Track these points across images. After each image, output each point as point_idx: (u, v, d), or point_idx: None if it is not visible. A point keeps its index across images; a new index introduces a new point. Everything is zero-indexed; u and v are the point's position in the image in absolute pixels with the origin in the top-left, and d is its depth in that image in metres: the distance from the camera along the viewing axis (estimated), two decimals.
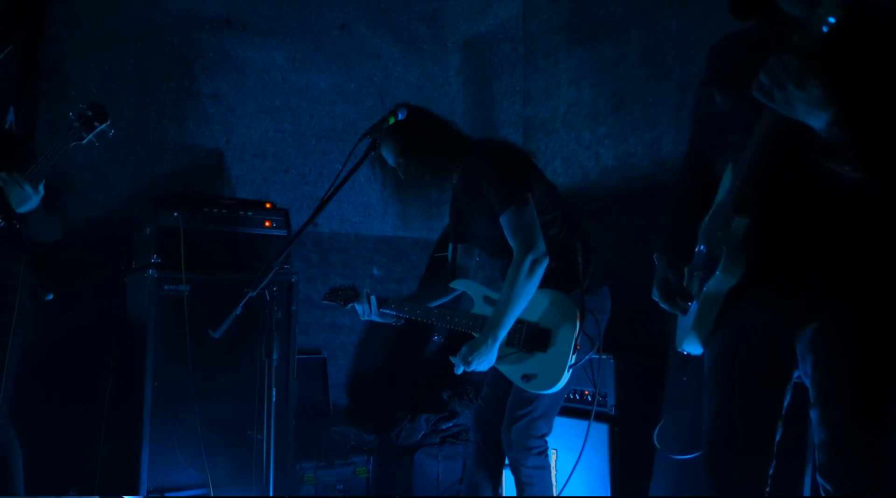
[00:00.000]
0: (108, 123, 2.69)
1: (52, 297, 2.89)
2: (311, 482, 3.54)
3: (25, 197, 2.52)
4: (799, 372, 1.72)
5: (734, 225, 1.64)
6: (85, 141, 2.67)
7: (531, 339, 2.56)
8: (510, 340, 2.58)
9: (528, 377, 2.54)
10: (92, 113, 2.66)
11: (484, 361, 2.55)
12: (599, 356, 2.67)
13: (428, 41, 4.93)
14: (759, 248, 1.66)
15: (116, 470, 3.31)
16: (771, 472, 1.75)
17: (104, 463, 3.38)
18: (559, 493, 2.95)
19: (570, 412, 3.15)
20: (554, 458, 3.12)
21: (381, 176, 2.79)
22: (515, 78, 4.58)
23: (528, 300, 2.53)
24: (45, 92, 3.65)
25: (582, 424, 3.00)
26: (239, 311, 2.28)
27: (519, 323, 2.57)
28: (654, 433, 2.78)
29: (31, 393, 3.12)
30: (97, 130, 2.67)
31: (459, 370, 2.59)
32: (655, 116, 3.67)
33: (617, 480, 3.04)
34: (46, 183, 2.59)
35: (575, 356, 2.49)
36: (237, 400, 3.29)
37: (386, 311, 2.84)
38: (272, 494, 2.45)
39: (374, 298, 2.86)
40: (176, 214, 3.29)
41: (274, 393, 2.45)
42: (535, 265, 2.49)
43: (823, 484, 1.63)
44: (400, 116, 2.53)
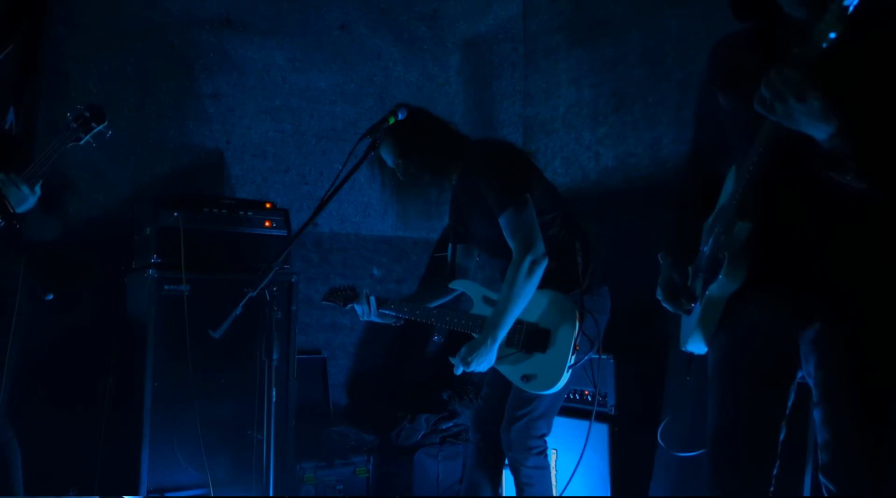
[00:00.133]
0: (105, 124, 2.69)
1: (52, 297, 2.89)
2: (311, 482, 3.54)
3: (22, 197, 2.52)
4: (802, 372, 1.72)
5: (737, 230, 1.65)
6: (82, 142, 2.67)
7: (530, 339, 2.56)
8: (509, 341, 2.58)
9: (527, 378, 2.54)
10: (90, 114, 2.66)
11: (483, 362, 2.55)
12: (599, 356, 2.67)
13: (428, 41, 4.93)
14: (762, 249, 1.66)
15: (116, 470, 3.31)
16: (774, 472, 1.75)
17: (104, 463, 3.38)
18: (560, 493, 2.95)
19: (570, 412, 3.15)
20: (554, 458, 3.13)
21: (380, 177, 2.78)
22: (515, 78, 4.57)
23: (527, 301, 2.53)
24: (45, 92, 3.64)
25: (582, 424, 3.00)
26: (239, 311, 2.28)
27: (518, 323, 2.57)
28: (658, 431, 2.78)
29: (31, 393, 3.12)
30: (94, 131, 2.68)
31: (459, 371, 2.59)
32: (655, 116, 3.67)
33: (617, 480, 3.04)
34: (45, 183, 2.59)
35: (574, 357, 2.49)
36: (237, 400, 3.29)
37: (385, 311, 2.84)
38: (272, 494, 2.45)
39: (373, 299, 2.85)
40: (176, 214, 3.29)
41: (274, 393, 2.45)
42: (534, 266, 2.48)
43: (826, 484, 1.63)
44: (400, 116, 2.52)
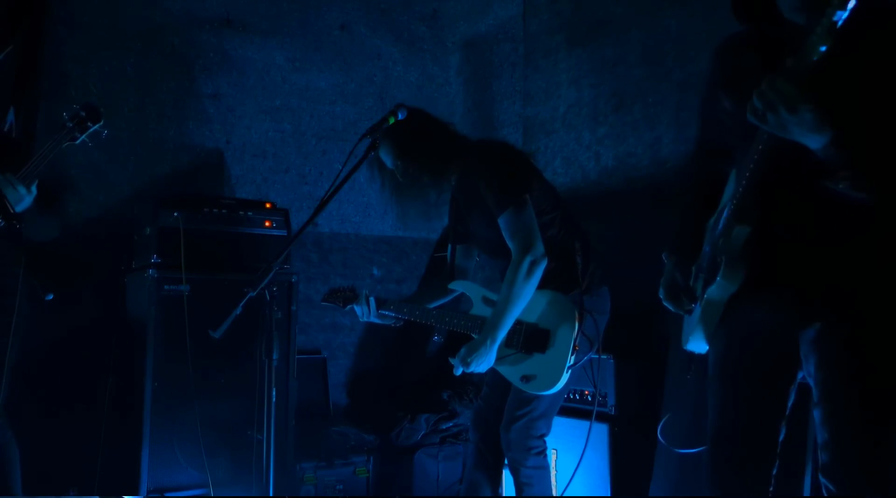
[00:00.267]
0: (101, 124, 2.68)
1: (52, 297, 2.88)
2: (311, 482, 3.54)
3: (18, 198, 2.52)
4: (803, 372, 1.72)
5: (735, 234, 1.66)
6: (78, 141, 2.66)
7: (530, 340, 2.56)
8: (509, 341, 2.58)
9: (527, 378, 2.54)
10: (85, 113, 2.65)
11: (483, 363, 2.55)
12: (599, 356, 2.67)
13: (428, 41, 4.93)
14: (762, 250, 1.66)
15: (116, 470, 3.31)
16: (774, 472, 1.75)
17: (104, 463, 3.38)
18: (560, 493, 2.95)
19: (570, 412, 3.15)
20: (554, 458, 3.12)
21: (379, 178, 2.78)
22: (515, 78, 4.57)
23: (526, 301, 2.53)
24: (45, 92, 3.64)
25: (582, 424, 3.00)
26: (239, 311, 2.28)
27: (518, 324, 2.57)
28: (658, 427, 2.78)
29: (31, 393, 3.12)
30: (90, 131, 2.67)
31: (458, 371, 2.59)
32: (655, 116, 3.67)
33: (617, 480, 3.04)
34: (45, 183, 2.59)
35: (574, 357, 2.49)
36: (237, 400, 3.29)
37: (385, 312, 2.84)
38: (272, 494, 2.45)
39: (372, 300, 2.85)
40: (176, 214, 3.29)
41: (274, 393, 2.45)
42: (533, 266, 2.48)
43: (826, 484, 1.63)
44: (400, 116, 2.52)
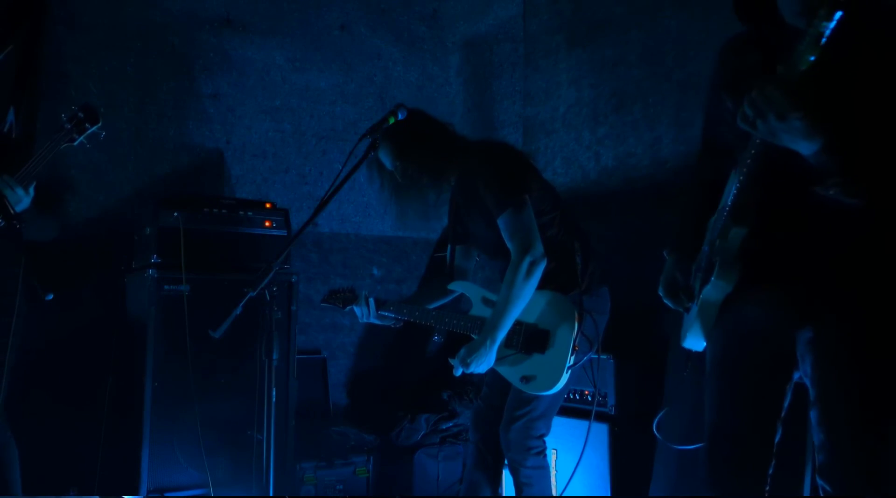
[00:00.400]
0: (99, 125, 2.67)
1: (52, 297, 2.89)
2: (311, 482, 3.54)
3: (16, 199, 2.52)
4: (799, 372, 1.72)
5: (731, 235, 1.66)
6: (76, 143, 2.65)
7: (529, 340, 2.56)
8: (509, 342, 2.58)
9: (526, 379, 2.54)
10: (83, 115, 2.65)
11: (482, 363, 2.55)
12: (599, 356, 2.67)
13: (428, 41, 4.93)
14: (759, 249, 1.66)
15: (116, 470, 3.31)
16: (770, 471, 1.76)
17: (104, 463, 3.38)
18: (560, 493, 2.95)
19: (570, 412, 3.15)
20: (554, 458, 3.13)
21: (378, 178, 2.78)
22: (515, 78, 4.57)
23: (526, 302, 2.53)
24: (45, 92, 3.64)
25: (582, 424, 3.00)
26: (239, 311, 2.27)
27: (517, 324, 2.57)
28: (653, 423, 2.77)
29: (31, 393, 3.12)
30: (88, 132, 2.66)
31: (458, 372, 2.59)
32: (655, 116, 3.67)
33: (617, 480, 3.04)
34: (45, 183, 2.58)
35: (573, 357, 2.49)
36: (237, 400, 3.29)
37: (384, 313, 2.84)
38: (272, 494, 2.45)
39: (372, 301, 2.85)
40: (176, 214, 3.29)
41: (274, 393, 2.45)
42: (532, 267, 2.48)
43: (823, 485, 1.63)
44: (400, 117, 2.52)
